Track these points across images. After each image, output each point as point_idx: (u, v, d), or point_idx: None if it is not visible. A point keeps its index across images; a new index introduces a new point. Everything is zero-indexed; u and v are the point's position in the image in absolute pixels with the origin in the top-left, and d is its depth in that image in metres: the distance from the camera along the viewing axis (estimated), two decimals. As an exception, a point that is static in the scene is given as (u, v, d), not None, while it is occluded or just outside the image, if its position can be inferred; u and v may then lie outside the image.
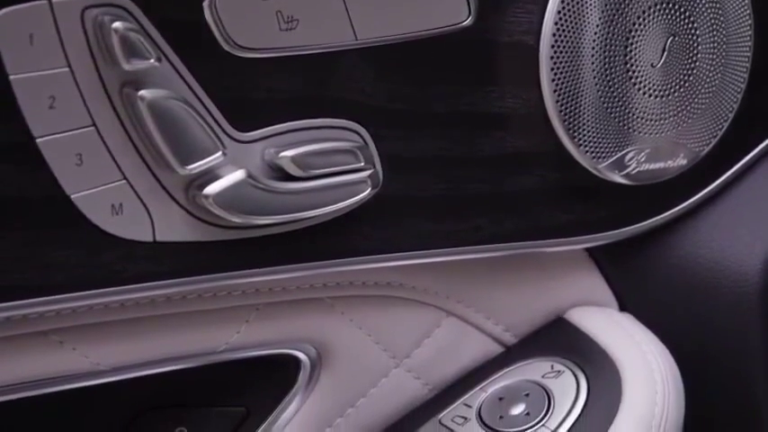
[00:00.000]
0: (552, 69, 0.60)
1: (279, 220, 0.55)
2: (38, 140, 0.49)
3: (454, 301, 0.66)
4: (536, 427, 0.62)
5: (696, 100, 0.64)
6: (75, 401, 0.58)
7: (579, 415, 0.62)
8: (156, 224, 0.53)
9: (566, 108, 0.61)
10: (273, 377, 0.63)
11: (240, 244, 0.56)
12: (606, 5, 0.60)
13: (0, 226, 0.50)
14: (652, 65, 0.62)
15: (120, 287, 0.53)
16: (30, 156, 0.49)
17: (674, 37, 0.62)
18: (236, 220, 0.54)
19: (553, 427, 0.62)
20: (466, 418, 0.64)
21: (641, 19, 0.61)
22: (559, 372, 0.65)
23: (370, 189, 0.57)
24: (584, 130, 0.62)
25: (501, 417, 0.63)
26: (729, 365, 0.67)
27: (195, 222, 0.54)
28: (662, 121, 0.63)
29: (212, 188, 0.53)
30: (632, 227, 0.67)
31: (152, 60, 0.50)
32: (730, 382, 0.67)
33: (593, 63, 0.60)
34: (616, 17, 0.60)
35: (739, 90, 0.66)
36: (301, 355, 0.62)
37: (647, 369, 0.64)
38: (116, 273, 0.53)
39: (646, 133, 0.63)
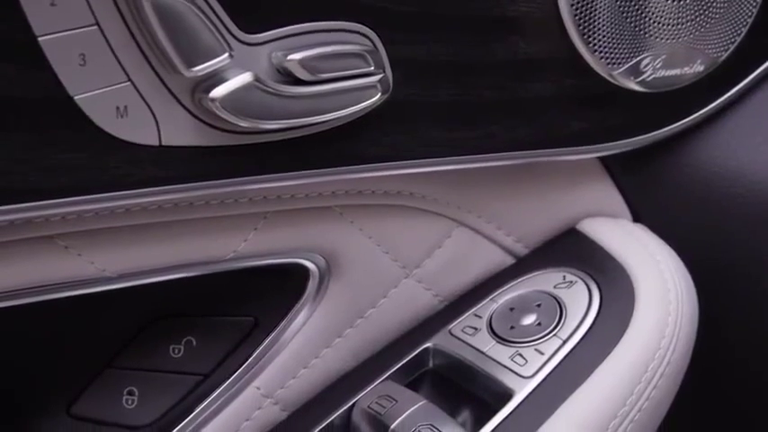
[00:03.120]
0: (567, -28, 0.59)
1: (287, 125, 0.54)
2: (40, 39, 0.48)
3: (465, 212, 0.65)
4: (547, 337, 0.62)
5: (714, 4, 0.63)
6: (80, 309, 0.57)
7: (591, 325, 0.62)
8: (161, 128, 0.52)
9: (580, 12, 0.60)
10: (282, 286, 0.62)
11: (248, 149, 0.55)
12: None
13: (1, 127, 0.49)
14: (669, -33, 0.60)
15: (126, 191, 0.52)
16: (32, 55, 0.48)
17: (693, -62, 0.61)
18: (243, 124, 0.53)
19: (565, 337, 0.61)
20: (476, 329, 0.63)
21: None
22: (571, 282, 0.64)
23: (380, 94, 0.56)
24: (599, 35, 0.60)
25: (512, 327, 0.63)
26: (743, 275, 0.66)
27: (202, 126, 0.53)
28: (679, 26, 0.62)
29: (219, 91, 0.51)
30: (647, 135, 0.66)
31: None
32: (744, 292, 0.66)
33: (608, -34, 0.59)
34: None
35: (759, -6, 0.64)
36: (310, 265, 0.62)
37: (660, 279, 0.63)
38: (121, 177, 0.52)
39: (662, 38, 0.62)
